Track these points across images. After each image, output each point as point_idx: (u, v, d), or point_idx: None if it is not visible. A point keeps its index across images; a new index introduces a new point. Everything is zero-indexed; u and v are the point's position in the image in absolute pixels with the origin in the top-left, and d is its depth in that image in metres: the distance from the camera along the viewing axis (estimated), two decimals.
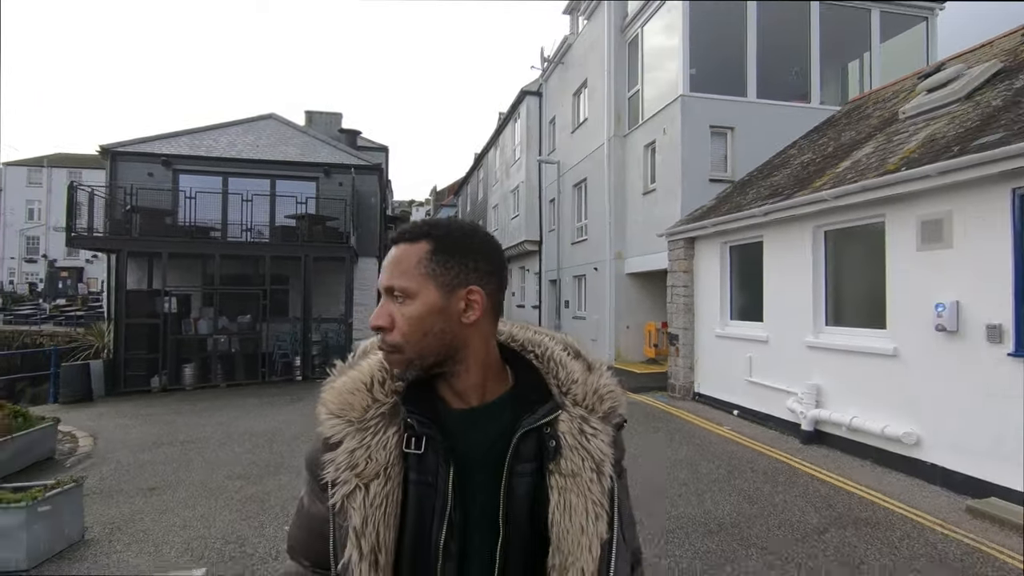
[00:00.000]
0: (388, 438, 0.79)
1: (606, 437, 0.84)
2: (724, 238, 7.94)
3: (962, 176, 4.50)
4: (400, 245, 0.83)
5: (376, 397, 0.82)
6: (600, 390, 0.87)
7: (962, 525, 4.09)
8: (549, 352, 0.89)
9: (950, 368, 4.74)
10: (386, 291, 0.81)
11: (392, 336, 0.79)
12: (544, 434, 0.81)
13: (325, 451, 0.81)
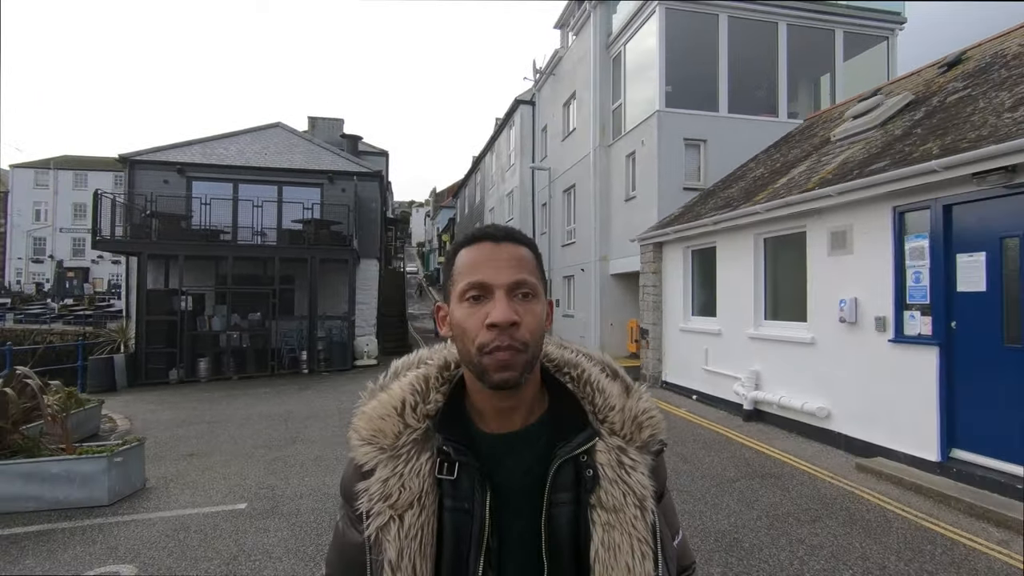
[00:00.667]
0: (421, 465, 0.77)
1: (646, 469, 0.81)
2: (686, 243, 8.96)
3: (856, 196, 5.51)
4: (506, 244, 0.80)
5: (408, 422, 0.80)
6: (639, 417, 0.84)
7: (848, 477, 5.09)
8: (587, 374, 0.87)
9: (850, 353, 5.75)
10: (510, 287, 0.77)
11: (522, 333, 0.75)
12: (580, 463, 0.78)
13: (358, 480, 0.80)
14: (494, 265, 0.77)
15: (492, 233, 0.81)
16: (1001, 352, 4.42)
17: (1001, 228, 4.45)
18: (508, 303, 0.75)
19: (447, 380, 0.86)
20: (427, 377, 0.85)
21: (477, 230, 0.83)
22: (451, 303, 0.80)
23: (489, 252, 0.79)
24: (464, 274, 0.78)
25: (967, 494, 4.38)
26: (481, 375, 0.76)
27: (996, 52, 6.64)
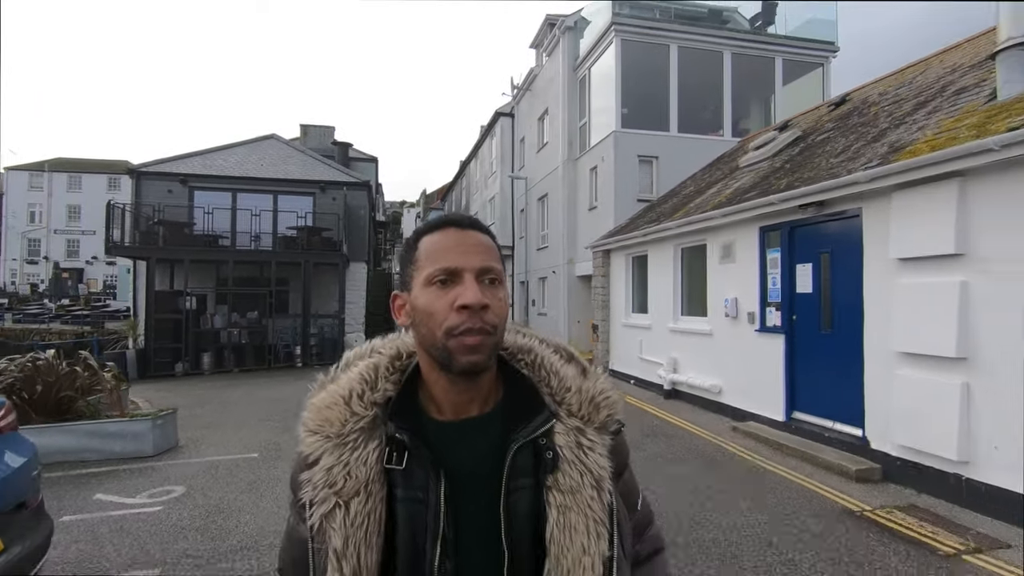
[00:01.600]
0: (368, 453, 0.76)
1: (604, 449, 0.81)
2: (627, 251, 10.49)
3: (736, 217, 7.03)
4: (471, 231, 0.80)
5: (354, 410, 0.78)
6: (596, 397, 0.84)
7: (723, 435, 6.61)
8: (540, 358, 0.86)
9: (733, 341, 7.28)
10: (479, 272, 0.76)
11: (491, 316, 0.75)
12: (540, 446, 0.78)
13: (303, 470, 0.78)
14: (462, 250, 0.76)
15: (457, 220, 0.81)
16: (819, 337, 5.97)
17: (820, 245, 5.99)
18: (478, 286, 0.74)
19: (398, 369, 0.85)
20: (377, 366, 0.84)
21: (440, 217, 0.82)
22: (413, 289, 0.79)
23: (456, 238, 0.78)
24: (430, 259, 0.77)
25: (796, 443, 5.91)
26: (447, 360, 0.74)
27: (864, 98, 8.19)
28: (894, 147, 5.28)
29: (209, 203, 16.11)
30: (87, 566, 3.45)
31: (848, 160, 5.84)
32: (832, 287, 5.81)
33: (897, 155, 4.98)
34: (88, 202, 52.78)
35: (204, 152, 18.23)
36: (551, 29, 18.22)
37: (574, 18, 16.73)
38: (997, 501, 4.10)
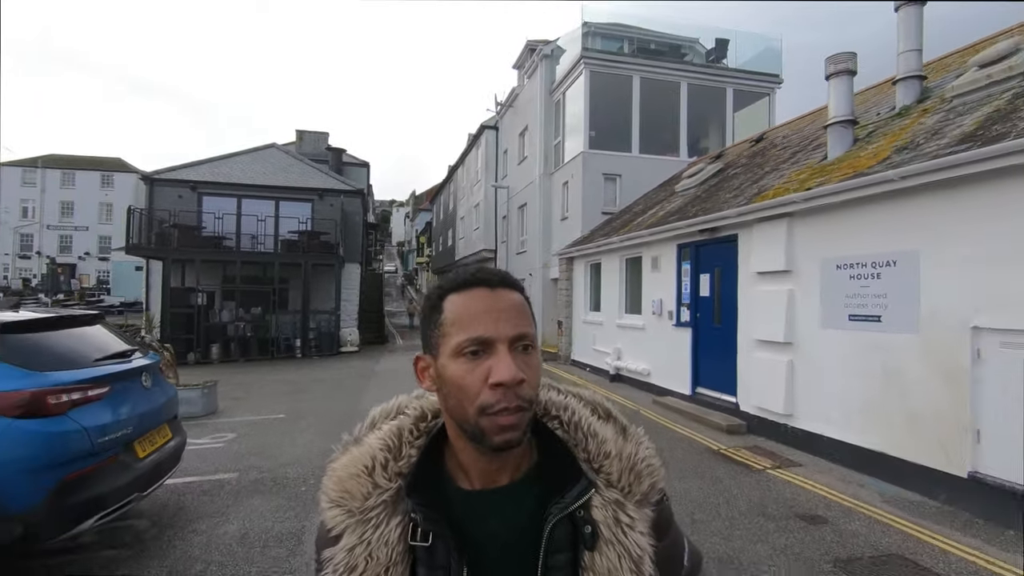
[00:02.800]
0: (390, 531, 0.72)
1: (644, 526, 0.74)
2: (586, 259, 12.36)
3: (659, 236, 8.92)
4: (502, 291, 0.73)
5: (377, 482, 0.74)
6: (637, 465, 0.77)
7: (645, 407, 8.49)
8: (577, 417, 0.79)
9: (658, 333, 9.18)
10: (513, 340, 0.70)
11: (527, 389, 0.69)
12: (577, 519, 0.72)
13: (326, 545, 0.74)
14: (494, 316, 0.70)
15: (487, 279, 0.74)
16: (713, 330, 7.87)
17: (714, 260, 7.89)
18: (512, 359, 0.69)
19: (423, 432, 0.80)
20: (401, 430, 0.79)
21: (469, 274, 0.75)
22: (440, 356, 0.72)
23: (486, 300, 0.71)
24: (459, 326, 0.70)
25: (695, 410, 7.79)
26: (480, 438, 0.69)
27: (773, 139, 10.13)
28: (760, 190, 7.20)
29: (217, 208, 17.77)
30: (189, 470, 5.19)
31: (734, 196, 7.76)
32: (721, 292, 7.70)
33: (757, 198, 6.89)
34: (81, 198, 53.63)
35: (211, 160, 19.82)
36: (531, 54, 20.05)
37: (551, 47, 18.59)
38: (806, 440, 6.02)
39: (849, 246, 5.56)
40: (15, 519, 2.86)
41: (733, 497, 4.75)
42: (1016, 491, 4.03)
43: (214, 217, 17.42)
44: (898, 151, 5.36)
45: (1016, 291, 4.07)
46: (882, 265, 5.18)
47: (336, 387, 10.76)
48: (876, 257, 5.25)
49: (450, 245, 33.79)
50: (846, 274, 5.56)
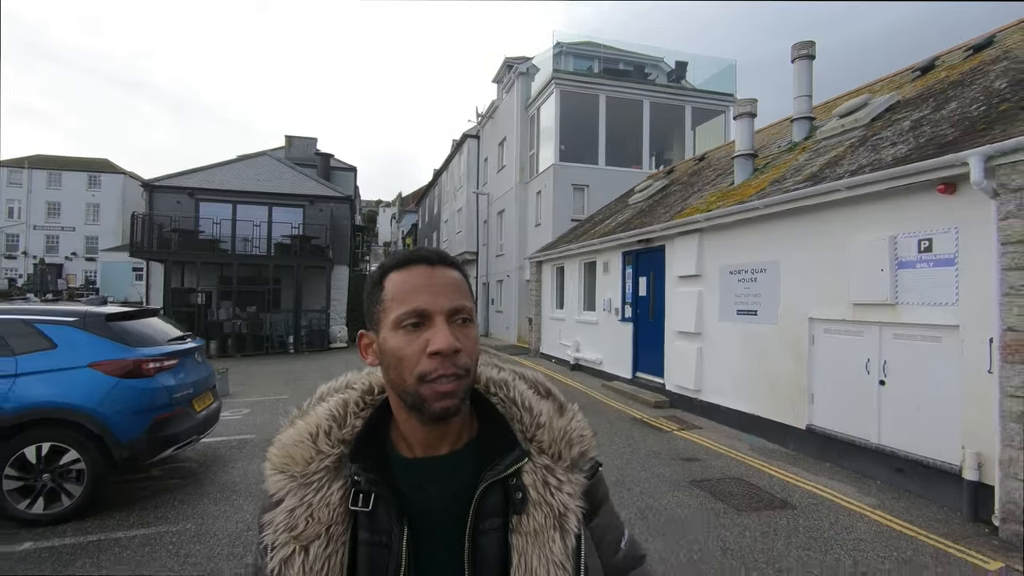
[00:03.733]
0: (332, 494, 0.75)
1: (573, 488, 0.78)
2: (552, 263, 13.88)
3: (608, 244, 10.45)
4: (440, 268, 0.78)
5: (320, 448, 0.78)
6: (569, 434, 0.82)
7: (594, 389, 10.01)
8: (514, 393, 0.85)
9: (608, 328, 10.71)
10: (450, 313, 0.75)
11: (464, 358, 0.73)
12: (509, 485, 0.76)
13: (267, 510, 0.77)
14: (432, 290, 0.74)
15: (426, 256, 0.78)
16: (648, 324, 9.41)
17: (649, 266, 9.43)
18: (449, 329, 0.73)
19: (369, 405, 0.85)
20: (347, 402, 0.83)
21: (408, 252, 0.79)
22: (381, 331, 0.76)
23: (425, 276, 0.76)
24: (399, 300, 0.74)
25: (633, 390, 9.32)
26: (420, 406, 0.73)
27: (711, 159, 11.70)
28: (684, 208, 8.76)
29: (214, 214, 19.00)
30: (219, 433, 6.57)
31: (666, 212, 9.32)
32: (654, 292, 9.25)
33: (678, 215, 8.45)
34: (67, 199, 53.93)
35: (207, 168, 21.01)
36: (509, 70, 21.54)
37: (527, 65, 20.08)
38: (710, 410, 7.58)
39: (738, 256, 7.12)
40: (124, 445, 4.27)
41: (638, 448, 6.28)
42: (833, 435, 5.60)
43: (212, 222, 18.66)
44: (772, 183, 6.93)
45: (832, 292, 5.63)
46: (758, 271, 6.74)
47: (329, 375, 11.95)
48: (754, 265, 6.81)
49: (435, 246, 35.10)
50: (735, 278, 7.12)
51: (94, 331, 4.43)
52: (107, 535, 3.94)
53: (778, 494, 4.80)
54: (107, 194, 54.78)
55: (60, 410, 4.14)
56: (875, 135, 6.18)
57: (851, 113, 7.03)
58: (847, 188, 5.25)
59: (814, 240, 5.90)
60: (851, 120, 6.90)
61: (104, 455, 4.22)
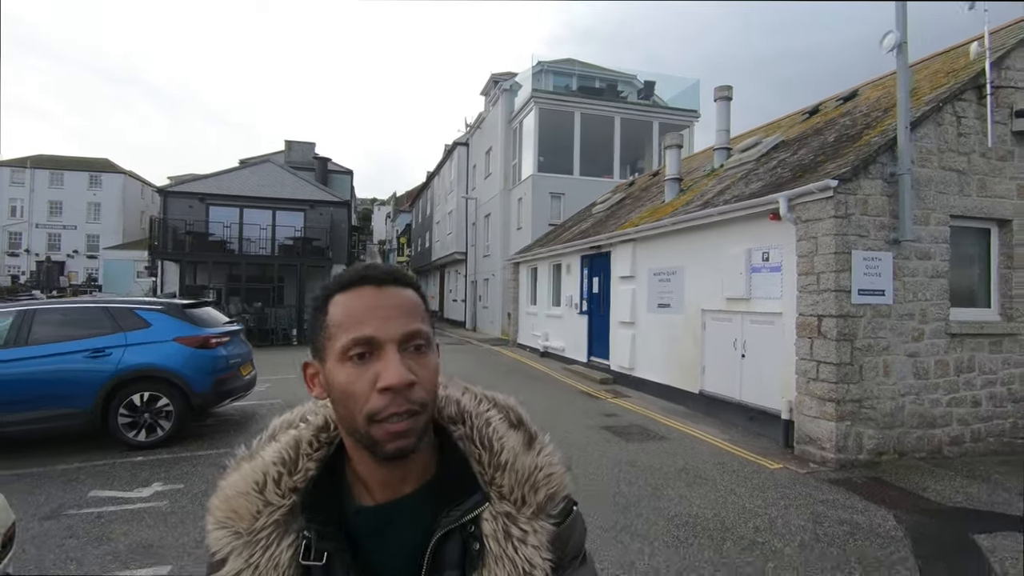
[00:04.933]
0: (280, 553, 0.68)
1: (539, 539, 0.70)
2: (527, 264, 15.79)
3: (570, 249, 12.35)
4: (390, 289, 0.70)
5: (269, 500, 0.70)
6: (534, 475, 0.73)
7: (555, 371, 11.92)
8: (481, 423, 0.77)
9: (570, 320, 12.63)
10: (403, 340, 0.67)
11: (419, 392, 0.66)
12: (467, 534, 0.70)
13: (210, 572, 0.70)
14: (380, 314, 0.67)
15: (374, 275, 0.70)
16: (599, 316, 11.32)
17: (600, 268, 11.33)
18: (401, 360, 0.65)
19: (324, 444, 0.76)
20: (299, 442, 0.75)
21: (354, 271, 0.71)
22: (328, 361, 0.69)
23: (372, 298, 0.68)
24: (344, 328, 0.67)
25: (585, 371, 11.23)
26: (371, 447, 0.67)
27: (664, 174, 13.59)
28: (626, 220, 10.66)
29: (224, 217, 20.79)
30: (252, 399, 8.42)
31: (615, 223, 11.23)
32: (603, 290, 11.16)
33: (619, 227, 10.36)
34: (69, 198, 55.27)
35: (215, 175, 22.77)
36: (495, 85, 23.39)
37: (510, 82, 21.94)
38: (640, 383, 9.50)
39: (659, 261, 9.03)
40: (198, 395, 6.14)
41: (575, 409, 8.19)
42: (715, 396, 7.53)
43: (222, 226, 20.45)
44: (684, 204, 8.85)
45: (714, 290, 7.53)
46: (671, 273, 8.66)
47: None
48: (668, 268, 8.73)
49: (428, 246, 36.94)
50: (657, 278, 9.04)
51: (175, 315, 6.30)
52: (190, 453, 5.82)
53: (661, 433, 6.73)
54: (108, 193, 56.15)
55: (155, 370, 6.01)
56: (755, 170, 8.11)
57: (747, 150, 8.95)
58: (719, 213, 7.17)
59: (704, 251, 7.81)
60: (747, 155, 8.83)
61: (184, 402, 6.09)
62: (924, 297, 5.80)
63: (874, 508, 4.42)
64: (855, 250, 5.51)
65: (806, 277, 5.82)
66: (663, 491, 4.75)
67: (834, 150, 6.64)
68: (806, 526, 4.05)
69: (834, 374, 5.44)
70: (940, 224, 5.90)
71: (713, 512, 4.30)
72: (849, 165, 5.58)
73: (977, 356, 6.01)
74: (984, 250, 6.35)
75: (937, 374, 5.81)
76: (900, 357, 5.67)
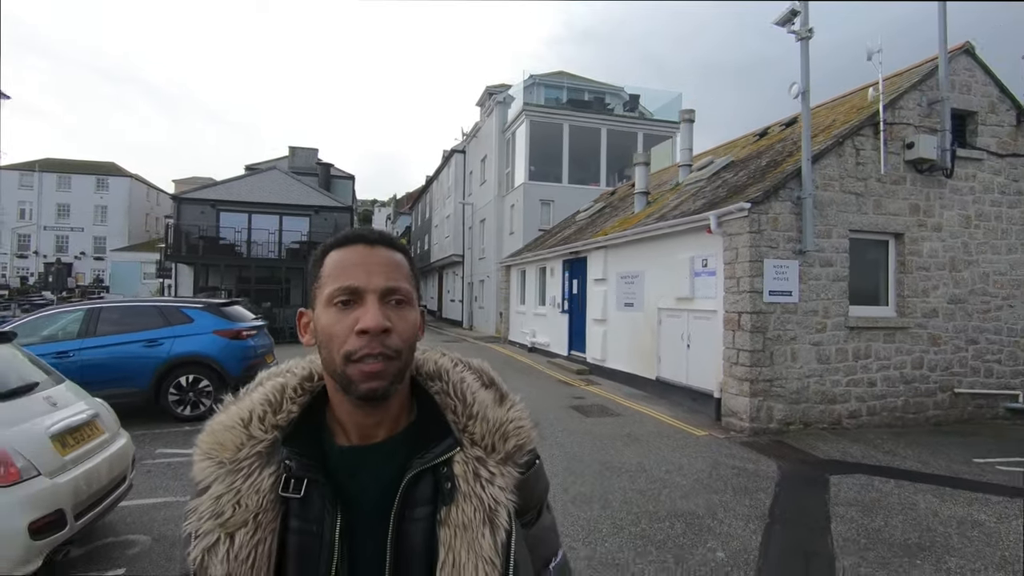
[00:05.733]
0: (262, 480, 0.72)
1: (505, 481, 0.77)
2: (517, 267, 17.11)
3: (554, 254, 13.67)
4: (380, 248, 0.77)
5: (252, 434, 0.75)
6: (505, 426, 0.81)
7: (540, 364, 13.22)
8: (456, 379, 0.84)
9: (553, 318, 13.94)
10: (384, 293, 0.74)
11: (394, 339, 0.73)
12: (440, 474, 0.75)
13: (192, 498, 0.74)
14: (366, 268, 0.74)
15: (366, 235, 0.78)
16: (578, 313, 12.64)
17: (579, 271, 12.64)
18: (380, 308, 0.72)
19: (307, 391, 0.83)
20: (284, 387, 0.81)
21: (351, 231, 0.79)
22: (316, 308, 0.77)
23: (362, 255, 0.75)
24: (333, 277, 0.74)
25: (566, 363, 12.53)
26: (347, 386, 0.73)
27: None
28: (601, 229, 11.97)
29: (234, 223, 22.13)
30: None
31: (592, 231, 12.54)
32: (581, 291, 12.47)
33: (593, 235, 11.67)
34: (76, 201, 56.54)
35: (225, 182, 24.15)
36: (490, 97, 24.70)
37: (503, 95, 23.25)
38: (611, 373, 10.82)
39: (625, 265, 10.34)
40: (232, 378, 7.44)
41: (551, 393, 9.50)
42: (668, 382, 8.84)
43: (233, 230, 21.80)
44: (647, 216, 10.16)
45: (668, 291, 8.83)
46: (635, 277, 9.97)
47: None
48: (633, 272, 10.04)
49: (427, 249, 38.24)
50: (624, 281, 10.35)
51: (213, 312, 7.61)
52: None
53: (617, 411, 8.04)
54: (114, 196, 57.39)
55: (198, 357, 7.32)
56: (704, 188, 9.43)
57: (702, 168, 10.27)
58: (669, 227, 8.49)
59: (660, 257, 9.12)
60: (701, 174, 10.15)
61: (221, 383, 7.39)
62: (826, 297, 7.11)
63: (765, 459, 5.73)
64: (766, 259, 6.83)
65: (730, 280, 7.13)
66: (605, 449, 6.07)
67: (762, 174, 7.96)
68: (705, 469, 5.37)
69: (749, 359, 6.76)
70: (841, 237, 7.21)
71: (638, 461, 5.61)
72: (761, 191, 6.90)
73: (873, 345, 7.32)
74: (883, 258, 7.66)
75: (837, 360, 7.13)
76: (805, 346, 6.98)
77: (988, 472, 5.48)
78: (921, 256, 7.58)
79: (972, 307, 7.82)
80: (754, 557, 3.61)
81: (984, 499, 4.68)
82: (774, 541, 3.85)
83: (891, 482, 5.08)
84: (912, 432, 7.06)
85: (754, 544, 3.78)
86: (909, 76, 7.91)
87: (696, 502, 4.53)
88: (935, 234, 7.65)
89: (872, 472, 5.41)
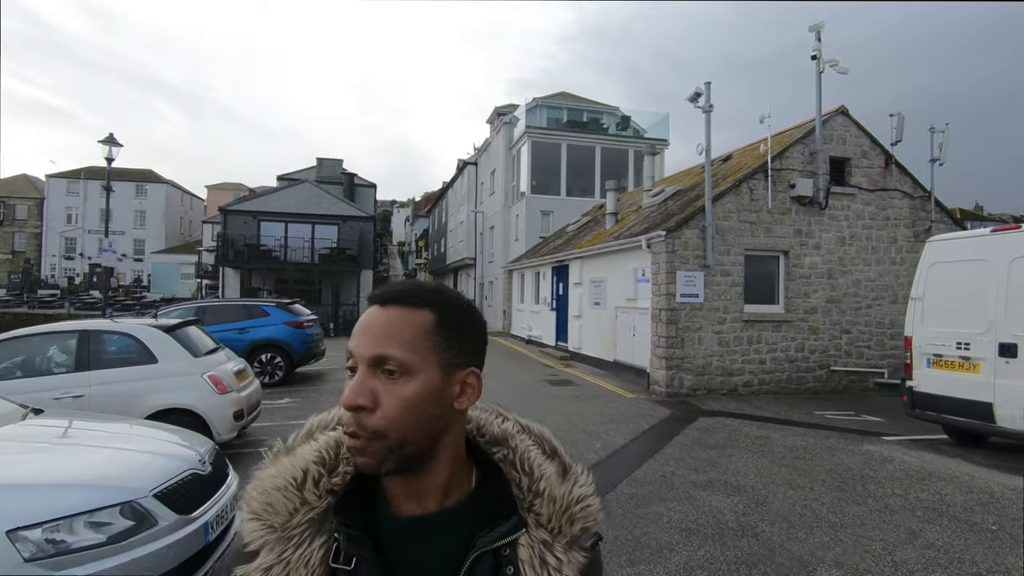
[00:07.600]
0: (312, 552, 0.68)
1: (571, 569, 0.72)
2: (517, 271, 19.88)
3: (545, 261, 16.40)
4: (391, 308, 0.71)
5: (306, 498, 0.71)
6: (571, 507, 0.75)
7: (532, 353, 15.96)
8: (518, 451, 0.79)
9: (544, 315, 16.67)
10: (371, 362, 0.68)
11: (374, 420, 0.66)
12: (501, 557, 0.71)
13: (239, 561, 0.70)
14: (364, 332, 0.69)
15: (381, 295, 0.73)
16: (564, 310, 15.35)
17: (564, 276, 15.34)
18: (363, 382, 0.67)
19: None
20: (339, 443, 0.75)
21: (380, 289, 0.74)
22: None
23: (369, 316, 0.71)
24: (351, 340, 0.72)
25: (553, 351, 15.25)
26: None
27: (625, 202, 17.57)
28: (581, 242, 14.67)
29: (272, 231, 25.28)
30: (319, 366, 12.62)
31: (575, 243, 15.25)
32: (565, 292, 15.17)
33: (574, 247, 14.39)
34: (118, 206, 60.67)
35: (263, 194, 27.35)
36: (498, 116, 27.48)
37: (510, 116, 26.01)
38: (584, 358, 13.55)
39: (595, 273, 13.03)
40: (297, 356, 10.36)
41: (535, 373, 12.25)
42: (621, 363, 11.53)
43: (273, 238, 24.95)
44: (610, 235, 12.84)
45: (621, 294, 11.51)
46: (601, 282, 12.66)
47: None
48: (600, 278, 12.73)
49: (443, 251, 41.18)
50: (594, 285, 13.04)
51: (283, 309, 10.53)
52: (294, 389, 10.03)
53: (576, 383, 10.77)
54: (152, 202, 61.42)
55: (272, 341, 10.23)
56: (652, 213, 12.09)
57: (656, 195, 12.92)
58: (619, 245, 11.18)
59: (617, 267, 11.81)
60: (655, 200, 12.80)
61: (289, 361, 10.30)
62: (726, 298, 9.75)
63: (663, 409, 8.42)
64: (679, 271, 9.49)
65: (656, 286, 9.81)
66: (557, 404, 8.82)
67: (687, 205, 10.61)
68: (619, 414, 8.09)
69: (666, 343, 9.44)
70: (738, 254, 9.84)
71: (577, 411, 8.36)
72: (676, 222, 9.58)
73: (764, 334, 9.93)
74: (776, 269, 10.26)
75: (735, 344, 9.76)
76: (709, 334, 9.63)
77: (816, 419, 8.10)
78: (803, 267, 10.17)
79: (846, 305, 10.37)
80: (616, 447, 6.34)
81: (788, 429, 7.33)
82: (633, 443, 6.58)
83: (739, 421, 7.74)
84: (791, 398, 9.66)
85: (620, 444, 6.52)
86: (797, 131, 10.49)
87: (601, 428, 7.26)
88: (815, 251, 10.23)
89: (733, 416, 8.06)
